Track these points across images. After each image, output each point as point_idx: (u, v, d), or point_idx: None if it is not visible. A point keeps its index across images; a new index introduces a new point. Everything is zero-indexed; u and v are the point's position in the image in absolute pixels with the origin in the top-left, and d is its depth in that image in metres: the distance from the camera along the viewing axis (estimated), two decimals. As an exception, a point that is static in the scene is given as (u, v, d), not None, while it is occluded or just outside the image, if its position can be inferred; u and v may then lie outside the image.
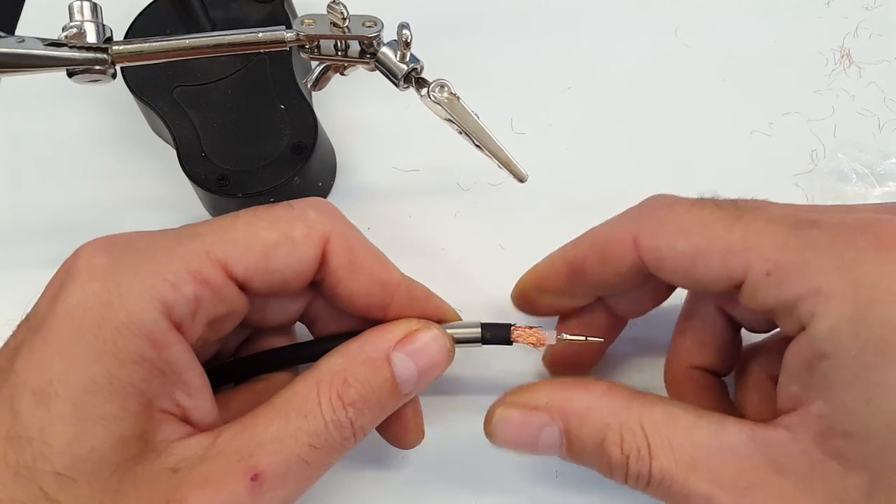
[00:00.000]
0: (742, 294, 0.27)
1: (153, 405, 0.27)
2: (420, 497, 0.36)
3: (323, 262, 0.30)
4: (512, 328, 0.32)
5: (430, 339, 0.30)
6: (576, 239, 0.32)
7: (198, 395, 0.28)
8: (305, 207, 0.30)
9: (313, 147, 0.42)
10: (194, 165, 0.42)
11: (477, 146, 0.35)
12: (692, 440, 0.27)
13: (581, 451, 0.29)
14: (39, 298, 0.28)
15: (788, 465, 0.26)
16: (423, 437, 0.34)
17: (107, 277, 0.26)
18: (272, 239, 0.28)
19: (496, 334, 0.32)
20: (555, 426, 0.29)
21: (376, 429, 0.33)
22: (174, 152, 0.43)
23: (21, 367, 0.25)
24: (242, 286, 0.29)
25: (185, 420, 0.28)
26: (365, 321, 0.32)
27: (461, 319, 0.34)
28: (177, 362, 0.27)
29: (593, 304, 0.34)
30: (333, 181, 0.45)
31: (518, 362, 0.38)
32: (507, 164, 0.35)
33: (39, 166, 0.47)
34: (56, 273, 0.28)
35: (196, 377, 0.28)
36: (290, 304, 0.32)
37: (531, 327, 0.32)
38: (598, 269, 0.31)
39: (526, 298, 0.35)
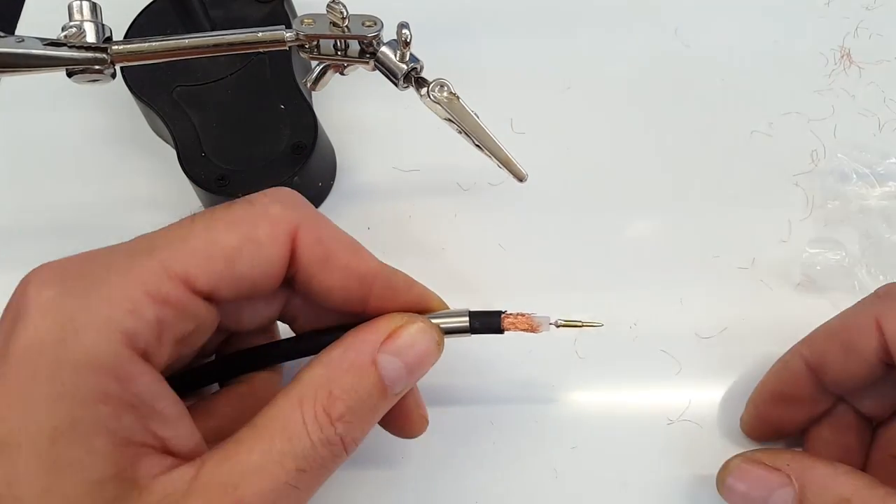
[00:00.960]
0: None
1: (129, 441, 0.25)
2: (420, 496, 0.36)
3: (293, 258, 0.28)
4: (503, 315, 0.31)
5: (416, 332, 0.29)
6: (808, 336, 0.33)
7: (175, 424, 0.26)
8: (267, 202, 0.28)
9: (313, 147, 0.42)
10: (194, 165, 0.42)
11: (477, 146, 0.35)
12: None
13: None
14: None
15: None
16: (426, 425, 0.33)
17: (58, 312, 0.24)
18: (233, 242, 0.26)
19: (485, 323, 0.31)
20: (790, 489, 0.29)
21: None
22: (174, 152, 0.43)
23: None
24: (208, 297, 0.27)
25: (166, 451, 0.26)
26: (345, 315, 0.30)
27: (447, 308, 0.32)
28: (146, 393, 0.25)
29: (839, 407, 0.33)
30: (333, 181, 0.45)
31: (518, 363, 0.38)
32: (506, 164, 0.35)
33: (39, 166, 0.47)
34: (6, 307, 0.26)
35: (170, 405, 0.26)
36: (264, 307, 0.31)
37: (523, 314, 0.31)
38: (841, 361, 0.31)
39: (768, 417, 0.34)
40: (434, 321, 0.30)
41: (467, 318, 0.31)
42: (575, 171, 0.44)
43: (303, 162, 0.41)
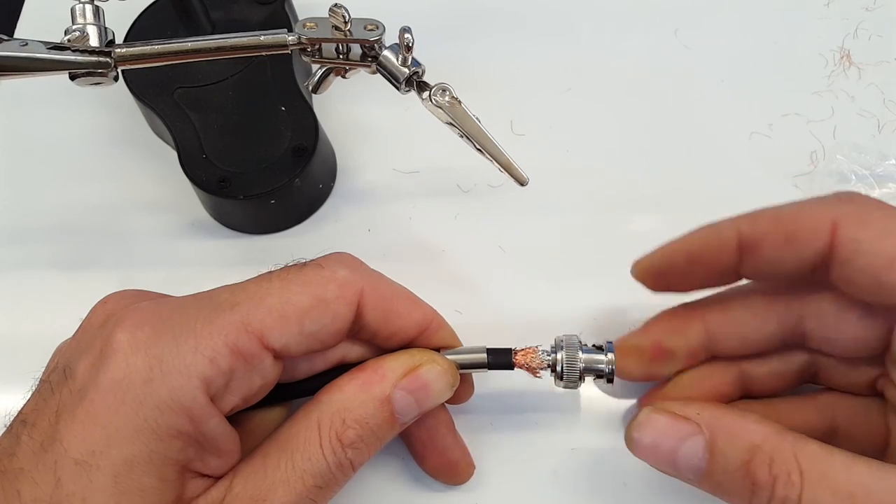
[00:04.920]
0: None
1: (188, 469, 0.28)
2: (420, 497, 0.36)
3: (358, 315, 0.30)
4: (514, 352, 0.33)
5: (433, 375, 0.31)
6: (749, 213, 0.30)
7: (229, 456, 0.29)
8: (335, 266, 0.30)
9: (314, 149, 0.42)
10: (195, 167, 0.42)
11: (478, 150, 0.35)
12: (850, 476, 0.26)
13: (723, 468, 0.28)
14: (78, 359, 0.28)
15: None
16: (473, 470, 0.35)
17: (149, 353, 0.27)
18: (305, 302, 0.29)
19: (498, 360, 0.33)
20: (700, 438, 0.28)
21: (425, 470, 0.35)
22: (175, 154, 0.43)
23: (64, 434, 0.26)
24: (278, 354, 0.29)
25: (210, 475, 0.29)
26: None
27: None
28: (212, 433, 0.28)
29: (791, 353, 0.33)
30: (334, 183, 0.45)
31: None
32: (508, 168, 0.35)
33: (40, 168, 0.47)
34: (94, 330, 0.29)
35: (228, 441, 0.29)
36: (321, 362, 0.32)
37: (530, 348, 0.33)
38: (778, 249, 0.29)
39: (671, 272, 0.32)
40: (453, 356, 0.32)
41: (485, 355, 0.33)
42: (575, 173, 0.44)
43: (304, 164, 0.42)
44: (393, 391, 0.30)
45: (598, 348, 0.32)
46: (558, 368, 0.32)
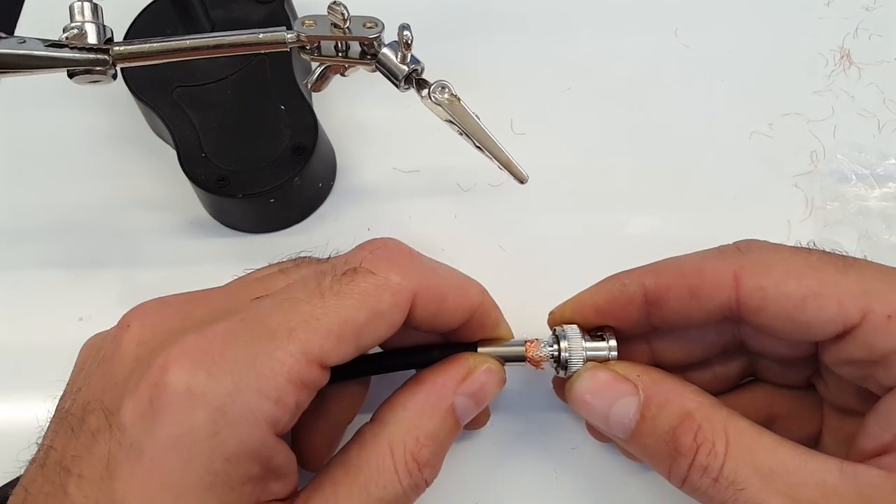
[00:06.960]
0: (849, 340, 0.27)
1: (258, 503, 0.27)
2: (420, 497, 0.36)
3: (409, 314, 0.29)
4: (526, 343, 0.32)
5: (487, 374, 0.31)
6: (653, 266, 0.31)
7: (290, 477, 0.28)
8: (387, 271, 0.29)
9: (313, 148, 0.42)
10: (194, 166, 0.42)
11: (478, 147, 0.35)
12: (775, 455, 0.27)
13: (649, 431, 0.28)
14: (120, 402, 0.26)
15: (880, 501, 0.25)
16: (489, 418, 0.36)
17: (210, 403, 0.25)
18: (361, 318, 0.28)
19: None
20: (635, 399, 0.29)
21: None
22: (174, 153, 0.43)
23: (125, 494, 0.24)
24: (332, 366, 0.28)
25: (273, 499, 0.28)
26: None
27: (511, 333, 0.34)
28: (277, 464, 0.27)
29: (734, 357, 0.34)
30: (333, 182, 0.45)
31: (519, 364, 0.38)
32: (507, 166, 0.35)
33: (39, 167, 0.47)
34: (129, 364, 0.27)
35: (289, 464, 0.28)
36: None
37: (532, 341, 0.32)
38: (682, 303, 0.30)
39: (581, 322, 0.33)
40: (497, 352, 0.32)
41: (524, 348, 0.32)
42: (575, 172, 0.44)
43: (303, 163, 0.41)
44: (455, 399, 0.30)
45: (598, 336, 0.32)
46: (562, 358, 0.32)
